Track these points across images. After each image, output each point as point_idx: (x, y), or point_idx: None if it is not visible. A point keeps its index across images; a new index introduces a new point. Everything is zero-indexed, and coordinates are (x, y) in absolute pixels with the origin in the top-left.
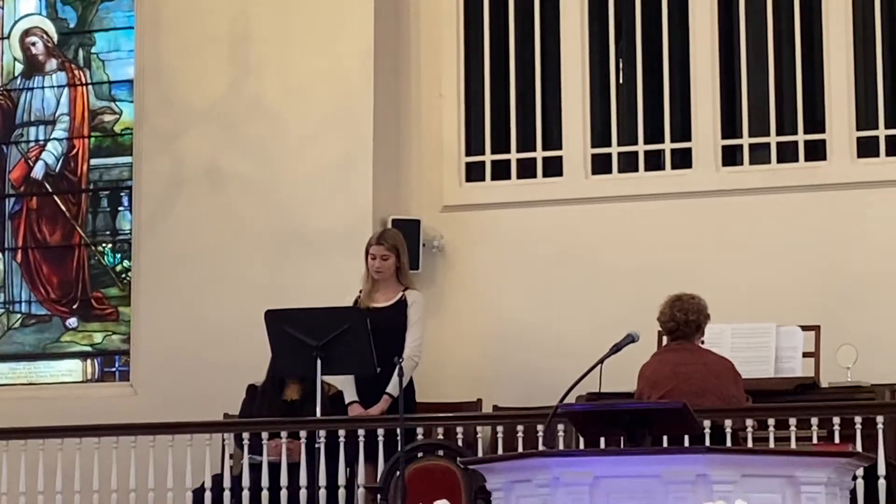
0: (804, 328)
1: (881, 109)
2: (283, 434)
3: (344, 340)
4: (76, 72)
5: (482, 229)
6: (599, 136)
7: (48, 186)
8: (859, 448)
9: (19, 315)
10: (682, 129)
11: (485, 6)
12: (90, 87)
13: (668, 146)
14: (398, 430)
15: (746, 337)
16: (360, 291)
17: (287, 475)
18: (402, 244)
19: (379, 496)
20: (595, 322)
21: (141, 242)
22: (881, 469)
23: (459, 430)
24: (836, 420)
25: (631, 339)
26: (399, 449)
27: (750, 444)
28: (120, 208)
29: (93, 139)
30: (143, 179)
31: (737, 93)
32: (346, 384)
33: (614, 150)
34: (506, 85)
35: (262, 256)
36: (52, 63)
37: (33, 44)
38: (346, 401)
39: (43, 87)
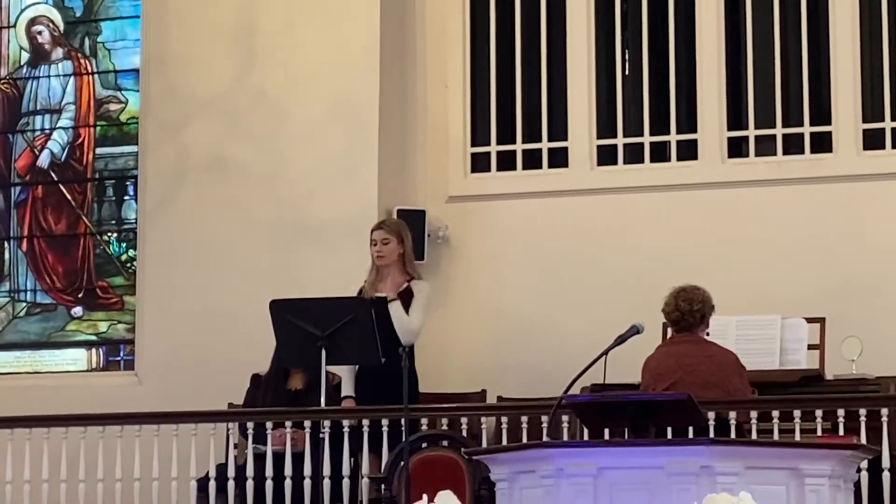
0: (809, 320)
1: (887, 101)
2: (288, 424)
3: (349, 331)
4: (82, 61)
5: (487, 220)
6: (605, 127)
7: (54, 175)
8: (864, 440)
9: (24, 304)
10: (688, 121)
11: None
12: (96, 76)
13: (673, 137)
14: (402, 421)
15: (751, 329)
16: (365, 283)
17: (291, 465)
18: (404, 230)
19: (383, 486)
20: (599, 313)
21: (146, 232)
22: (885, 461)
23: (464, 420)
24: (841, 412)
25: (635, 330)
26: (403, 439)
27: (754, 436)
28: (125, 197)
29: (98, 128)
30: (148, 169)
31: (743, 84)
32: (344, 377)
33: (620, 141)
34: (511, 76)
35: (267, 246)
36: (58, 52)
37: (39, 32)
38: (342, 394)
39: (49, 76)
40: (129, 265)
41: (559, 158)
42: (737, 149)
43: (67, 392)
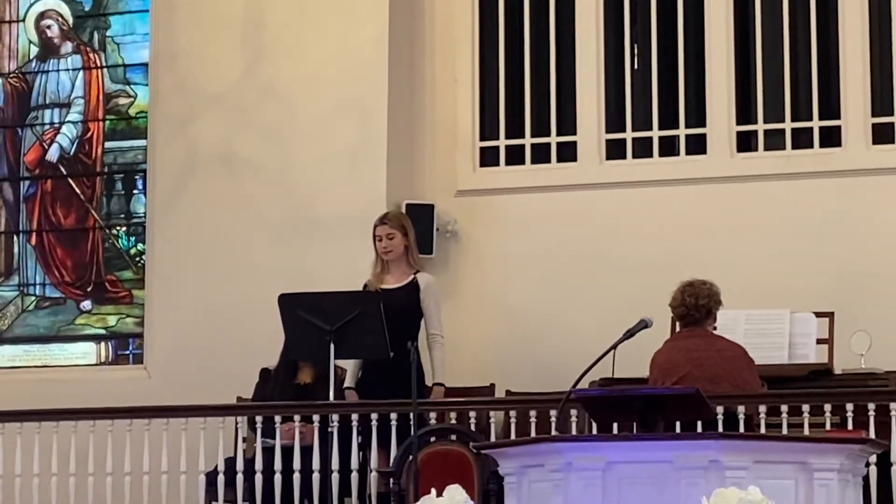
0: (818, 315)
1: None
2: (296, 418)
3: (357, 325)
4: (91, 55)
5: (496, 214)
6: (614, 121)
7: (63, 169)
8: (872, 435)
9: (34, 298)
10: (697, 115)
11: None
12: (105, 70)
13: (682, 132)
14: (411, 415)
15: (760, 323)
16: (369, 280)
17: (300, 459)
18: (407, 222)
19: (391, 480)
20: (608, 307)
21: (155, 226)
22: (894, 456)
23: (472, 414)
24: (850, 407)
25: (644, 324)
26: (412, 433)
27: (763, 430)
28: (134, 191)
29: (107, 122)
30: (157, 163)
31: (752, 78)
32: (349, 368)
33: (628, 135)
34: (520, 69)
35: (276, 241)
36: (68, 46)
37: (48, 27)
38: (344, 385)
39: (58, 70)
40: (137, 259)
41: (568, 152)
42: (745, 143)
43: (76, 386)
